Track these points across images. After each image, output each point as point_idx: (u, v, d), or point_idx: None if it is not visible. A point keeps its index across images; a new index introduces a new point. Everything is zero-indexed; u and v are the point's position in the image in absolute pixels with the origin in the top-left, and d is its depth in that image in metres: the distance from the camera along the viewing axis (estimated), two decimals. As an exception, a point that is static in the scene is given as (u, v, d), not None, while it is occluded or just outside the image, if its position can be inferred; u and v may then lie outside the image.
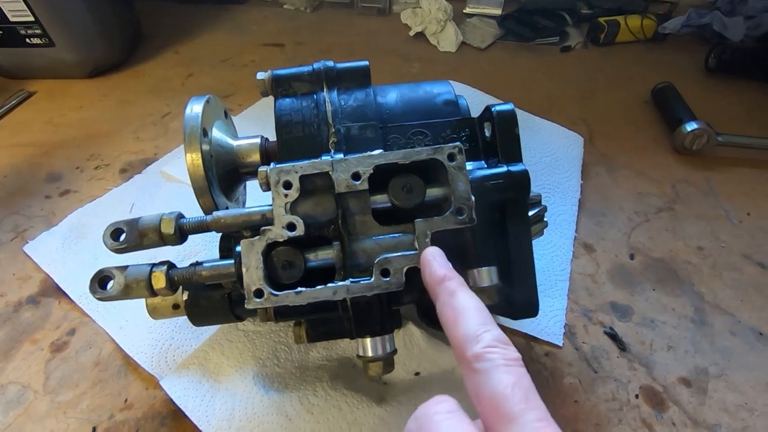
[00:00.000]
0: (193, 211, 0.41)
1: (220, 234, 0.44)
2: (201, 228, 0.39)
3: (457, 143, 0.37)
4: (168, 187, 0.70)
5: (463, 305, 0.29)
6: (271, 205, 0.37)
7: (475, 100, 0.81)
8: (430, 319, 0.45)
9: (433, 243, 0.36)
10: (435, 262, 0.32)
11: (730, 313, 0.57)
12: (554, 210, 0.66)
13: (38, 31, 0.84)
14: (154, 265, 0.39)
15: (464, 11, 1.13)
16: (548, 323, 0.54)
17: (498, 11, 1.11)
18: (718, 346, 0.54)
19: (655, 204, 0.70)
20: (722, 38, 0.98)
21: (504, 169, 0.39)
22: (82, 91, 0.90)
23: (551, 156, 0.74)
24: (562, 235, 0.64)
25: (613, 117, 0.86)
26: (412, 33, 1.08)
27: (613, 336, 0.54)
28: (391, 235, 0.37)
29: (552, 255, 0.61)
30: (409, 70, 0.98)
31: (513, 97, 0.43)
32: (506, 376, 0.24)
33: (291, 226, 0.36)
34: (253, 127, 0.75)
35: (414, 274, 0.35)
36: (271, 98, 0.44)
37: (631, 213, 0.69)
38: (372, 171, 0.37)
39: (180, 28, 1.11)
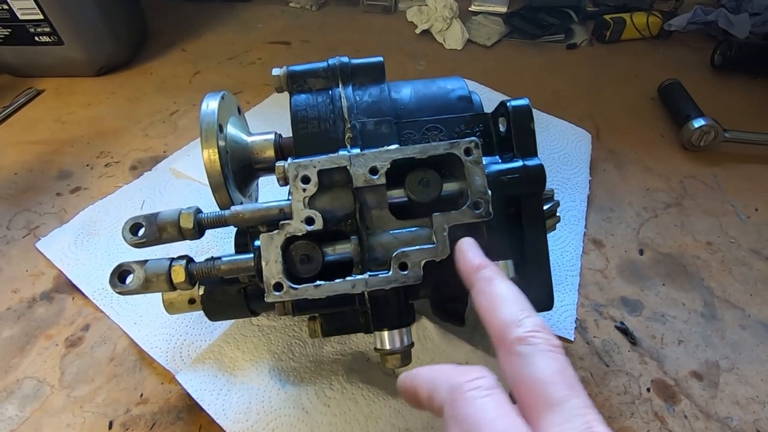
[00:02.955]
0: (203, 207, 0.41)
1: (235, 230, 0.44)
2: (219, 222, 0.40)
3: (474, 138, 0.37)
4: (178, 183, 0.71)
5: (501, 292, 0.29)
6: (288, 200, 0.37)
7: (483, 97, 0.80)
8: (443, 313, 0.46)
9: (450, 237, 0.36)
10: (470, 251, 0.33)
11: (739, 308, 0.57)
12: (563, 206, 0.67)
13: (47, 30, 0.84)
14: (173, 259, 0.39)
15: (470, 9, 1.13)
16: (559, 318, 0.55)
17: (504, 9, 1.12)
18: (729, 340, 0.54)
19: (663, 200, 0.71)
20: (728, 35, 0.99)
21: (520, 163, 0.39)
22: (90, 89, 0.91)
23: (559, 152, 0.74)
24: (571, 231, 0.64)
25: (620, 114, 0.87)
26: (418, 31, 1.08)
27: (624, 330, 0.54)
28: (408, 229, 0.37)
29: (562, 251, 0.62)
30: (415, 68, 0.98)
31: (519, 94, 0.43)
32: (551, 362, 0.24)
33: (309, 221, 0.36)
34: (261, 124, 0.75)
35: (429, 269, 0.35)
36: (278, 95, 0.44)
37: (640, 209, 0.69)
38: (389, 165, 0.37)
39: (186, 26, 1.11)
